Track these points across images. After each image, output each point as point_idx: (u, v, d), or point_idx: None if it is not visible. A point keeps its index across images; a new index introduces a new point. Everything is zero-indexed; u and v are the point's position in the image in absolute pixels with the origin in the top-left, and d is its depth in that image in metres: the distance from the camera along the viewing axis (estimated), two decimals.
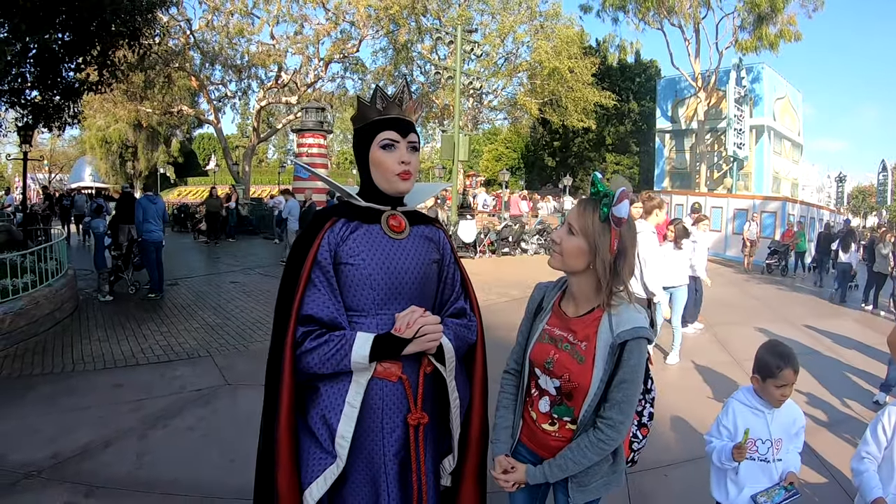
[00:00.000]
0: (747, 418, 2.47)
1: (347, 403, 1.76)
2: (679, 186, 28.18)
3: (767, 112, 26.93)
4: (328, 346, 1.73)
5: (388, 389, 1.81)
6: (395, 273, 1.85)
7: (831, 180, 55.99)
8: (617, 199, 1.72)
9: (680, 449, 4.54)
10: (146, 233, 9.45)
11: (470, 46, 18.68)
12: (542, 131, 41.97)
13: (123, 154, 44.03)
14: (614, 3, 26.12)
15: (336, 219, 1.86)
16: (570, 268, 1.85)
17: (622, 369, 1.75)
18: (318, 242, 1.80)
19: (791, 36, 23.98)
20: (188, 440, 4.52)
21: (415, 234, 1.96)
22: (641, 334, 1.75)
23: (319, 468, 1.75)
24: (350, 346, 1.73)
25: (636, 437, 2.07)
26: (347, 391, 1.77)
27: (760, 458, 2.45)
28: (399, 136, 1.86)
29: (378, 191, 1.90)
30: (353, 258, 1.81)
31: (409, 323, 1.77)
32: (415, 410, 1.83)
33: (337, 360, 1.73)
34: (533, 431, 1.96)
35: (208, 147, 57.93)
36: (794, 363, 2.39)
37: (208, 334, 7.51)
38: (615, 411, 1.76)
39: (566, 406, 1.87)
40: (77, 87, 10.46)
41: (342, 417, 1.76)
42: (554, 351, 1.88)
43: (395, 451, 1.82)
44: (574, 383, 1.82)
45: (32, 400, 5.27)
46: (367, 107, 1.89)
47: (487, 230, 17.86)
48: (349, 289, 1.82)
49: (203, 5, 24.81)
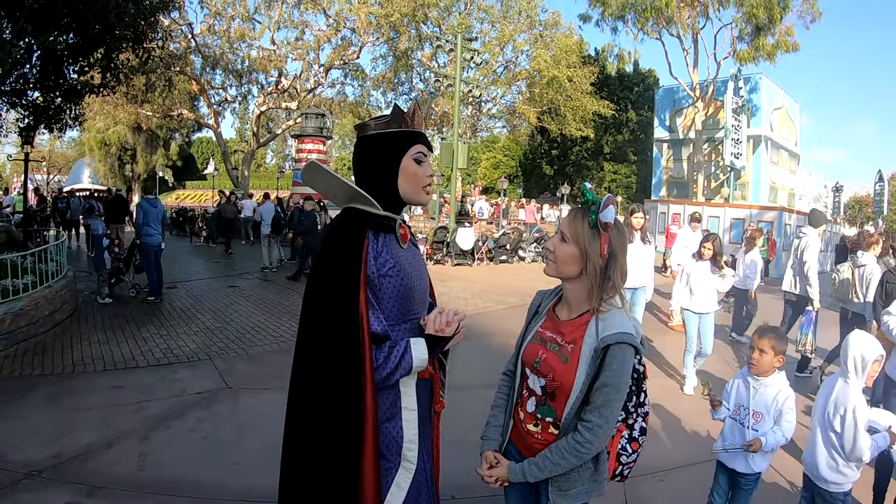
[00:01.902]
0: (739, 388, 3.19)
1: (405, 409, 1.85)
2: (676, 196, 28.22)
3: (765, 122, 27.02)
4: (392, 356, 1.78)
5: (424, 385, 1.95)
6: (421, 281, 1.97)
7: (828, 190, 56.00)
8: (603, 205, 1.81)
9: (676, 454, 4.57)
10: (145, 236, 9.45)
11: (470, 54, 18.75)
12: (540, 140, 42.10)
13: (122, 157, 43.96)
14: (613, 12, 26.19)
15: (368, 231, 1.85)
16: (564, 274, 1.93)
17: (604, 373, 1.80)
18: (364, 260, 1.79)
19: (789, 47, 24.13)
20: (190, 442, 4.54)
21: (410, 242, 2.04)
22: (625, 339, 1.80)
23: (387, 479, 1.80)
24: (410, 352, 1.80)
25: (625, 450, 2.07)
26: (399, 398, 1.85)
27: (740, 422, 3.11)
28: (429, 151, 1.96)
29: (394, 199, 1.94)
30: (390, 270, 1.84)
31: (447, 321, 1.87)
32: (439, 399, 2.05)
33: (403, 368, 1.80)
34: (520, 432, 2.03)
35: (207, 151, 57.94)
36: (763, 334, 3.07)
37: (208, 337, 7.52)
38: (595, 415, 1.81)
39: (549, 406, 1.93)
40: (79, 88, 10.49)
41: (404, 423, 1.84)
42: (542, 351, 1.96)
43: (428, 435, 1.97)
44: (557, 383, 1.89)
45: (33, 400, 5.28)
46: (402, 117, 1.92)
47: (485, 238, 17.88)
48: (386, 300, 1.85)
49: (205, 10, 24.90)
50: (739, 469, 3.08)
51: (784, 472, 4.25)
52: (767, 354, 3.03)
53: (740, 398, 3.15)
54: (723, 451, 3.15)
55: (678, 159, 29.84)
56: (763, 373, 3.07)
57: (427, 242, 16.48)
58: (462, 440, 2.98)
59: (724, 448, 3.13)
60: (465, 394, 5.39)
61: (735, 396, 3.19)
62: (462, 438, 3.00)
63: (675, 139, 29.79)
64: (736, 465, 3.10)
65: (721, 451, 3.16)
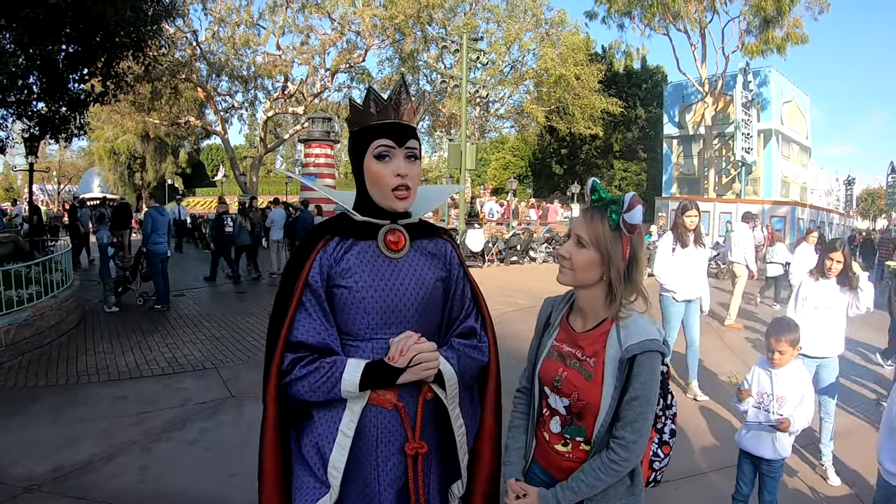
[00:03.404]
0: (760, 377, 3.21)
1: (340, 432, 1.66)
2: (687, 192, 28.03)
3: (775, 116, 26.80)
4: (318, 373, 1.62)
5: (383, 417, 1.69)
6: (390, 296, 1.71)
7: (839, 183, 55.57)
8: (629, 205, 1.62)
9: (692, 462, 4.44)
10: (152, 244, 9.45)
11: (476, 55, 18.67)
12: (549, 139, 41.90)
13: (132, 165, 44.21)
14: (620, 9, 26.06)
15: (330, 237, 1.72)
16: (582, 283, 1.74)
17: (633, 385, 1.64)
18: (309, 263, 1.67)
19: (797, 39, 23.87)
20: (191, 454, 4.46)
21: (416, 250, 1.81)
22: (652, 347, 1.64)
23: (312, 497, 1.65)
24: (340, 373, 1.61)
25: (657, 456, 1.94)
26: (341, 419, 1.67)
27: (764, 408, 3.13)
28: (394, 144, 1.69)
29: (375, 203, 1.76)
30: (346, 280, 1.68)
31: (402, 350, 1.63)
32: (412, 440, 1.70)
33: (327, 387, 1.62)
34: (547, 452, 1.85)
35: (217, 158, 58.13)
36: (778, 334, 3.07)
37: (214, 346, 7.46)
38: (628, 430, 1.65)
39: (577, 426, 1.76)
40: (83, 98, 10.49)
41: (335, 446, 1.65)
42: (562, 368, 1.78)
43: (390, 481, 1.70)
44: (583, 401, 1.71)
45: (36, 412, 5.24)
46: (359, 111, 1.71)
47: (495, 239, 17.79)
48: (342, 313, 1.69)
49: (209, 17, 24.96)
50: (766, 455, 3.11)
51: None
52: (786, 353, 3.09)
53: (762, 386, 3.19)
54: (748, 435, 3.20)
55: (688, 155, 29.67)
56: (784, 365, 3.14)
57: None
58: None
59: (753, 428, 3.17)
60: None
61: (757, 386, 3.22)
62: None
63: (684, 135, 29.62)
64: (763, 451, 3.12)
65: (747, 434, 3.21)
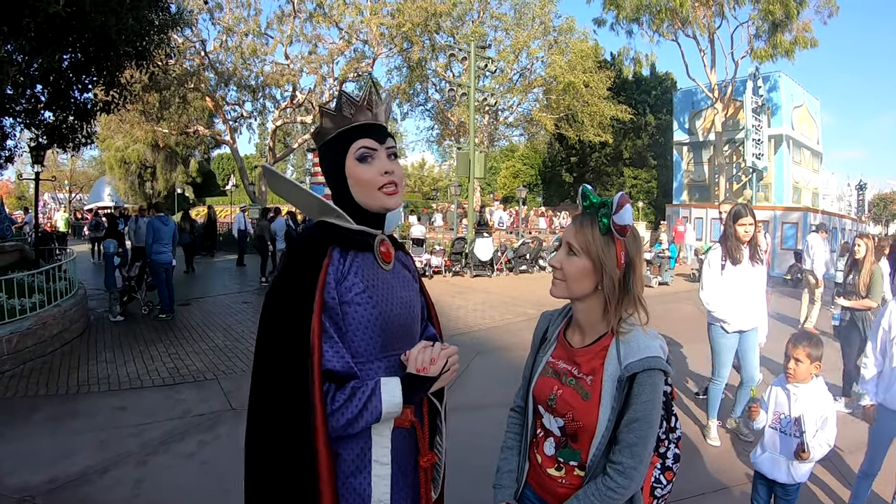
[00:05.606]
0: (778, 396, 3.06)
1: (375, 462, 1.53)
2: (698, 199, 27.81)
3: (785, 121, 26.55)
4: (355, 400, 1.47)
5: (403, 436, 1.63)
6: (397, 311, 1.63)
7: (851, 188, 55.02)
8: (617, 205, 1.53)
9: (696, 482, 4.31)
10: (155, 254, 9.44)
11: (484, 63, 18.62)
12: (558, 147, 41.82)
13: (142, 174, 44.39)
14: (628, 15, 25.93)
15: (332, 248, 1.57)
16: (576, 293, 1.65)
17: (633, 406, 1.53)
18: (322, 281, 1.50)
19: (807, 43, 23.66)
20: (187, 467, 4.39)
21: (397, 261, 1.75)
22: (654, 365, 1.53)
23: None
24: (378, 395, 1.49)
25: (659, 483, 1.80)
26: (369, 449, 1.54)
27: (781, 430, 2.99)
28: (376, 143, 1.62)
29: (363, 211, 1.64)
30: (358, 296, 1.54)
31: (432, 359, 1.57)
32: (426, 452, 1.68)
33: (369, 413, 1.48)
34: (540, 476, 1.75)
35: (227, 167, 58.37)
36: (797, 342, 2.97)
37: (217, 356, 7.40)
38: (626, 455, 1.53)
39: (571, 449, 1.65)
40: (90, 107, 10.51)
41: (374, 479, 1.52)
42: (557, 386, 1.68)
43: (412, 498, 1.66)
44: (579, 423, 1.60)
45: (35, 422, 5.22)
46: (332, 116, 1.63)
47: (504, 248, 17.69)
48: (354, 332, 1.55)
49: (217, 26, 25.02)
50: (781, 479, 2.99)
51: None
52: (803, 363, 2.94)
53: (780, 406, 3.05)
54: (763, 455, 3.07)
55: (699, 162, 29.45)
56: (801, 381, 2.98)
57: (445, 254, 16.34)
58: (482, 466, 2.74)
59: (769, 450, 3.05)
60: (479, 414, 5.21)
61: (774, 405, 3.09)
62: (482, 464, 2.77)
63: (695, 142, 29.41)
64: (777, 475, 2.99)
65: (762, 455, 3.08)
